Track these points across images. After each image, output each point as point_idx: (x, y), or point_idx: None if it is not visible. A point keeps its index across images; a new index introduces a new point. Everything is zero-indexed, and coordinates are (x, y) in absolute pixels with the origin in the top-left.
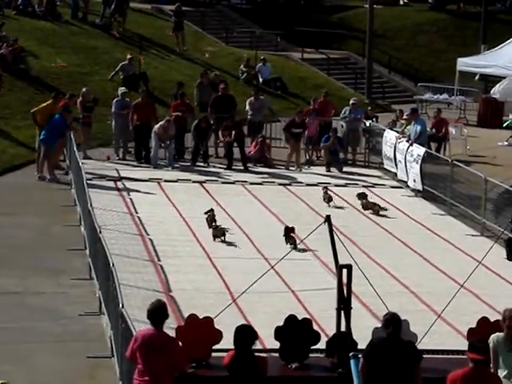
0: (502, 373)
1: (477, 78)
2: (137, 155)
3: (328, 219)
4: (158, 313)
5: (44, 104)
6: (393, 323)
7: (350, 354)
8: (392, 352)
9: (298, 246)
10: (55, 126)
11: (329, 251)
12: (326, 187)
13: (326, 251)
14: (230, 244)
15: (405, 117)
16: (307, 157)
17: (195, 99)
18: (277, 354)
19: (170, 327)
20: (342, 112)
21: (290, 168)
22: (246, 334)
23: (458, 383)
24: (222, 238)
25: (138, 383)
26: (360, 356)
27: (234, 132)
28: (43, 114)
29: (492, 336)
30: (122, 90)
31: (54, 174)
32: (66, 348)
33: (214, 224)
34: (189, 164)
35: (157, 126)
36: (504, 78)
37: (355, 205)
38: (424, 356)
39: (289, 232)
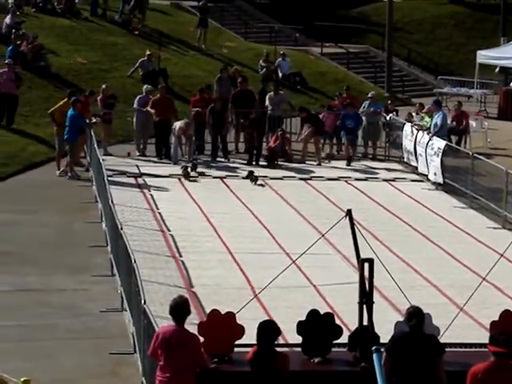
0: None
1: (497, 70)
2: (157, 151)
3: (349, 213)
4: (179, 309)
5: (60, 102)
6: (416, 316)
7: (373, 348)
8: (415, 346)
9: (321, 241)
10: (73, 122)
11: (350, 245)
12: (251, 171)
13: (348, 245)
14: (251, 239)
15: (425, 109)
16: (328, 151)
17: (215, 94)
18: (299, 349)
19: (192, 323)
20: (362, 106)
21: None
22: (269, 329)
23: (480, 377)
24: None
25: (160, 380)
26: (382, 350)
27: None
28: (61, 113)
29: None
30: (147, 87)
31: (75, 171)
32: (89, 345)
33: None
34: (209, 159)
35: (177, 127)
36: None
37: (376, 199)
38: (446, 349)
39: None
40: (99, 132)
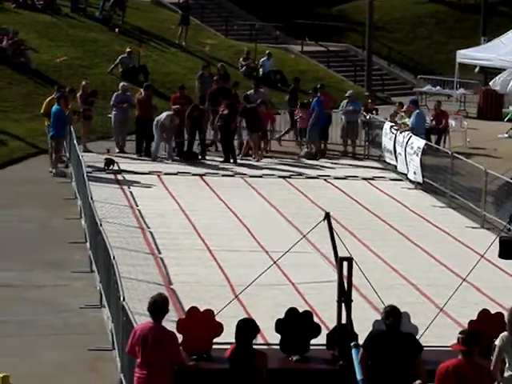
0: (508, 373)
1: (477, 70)
2: (138, 148)
3: (327, 216)
4: (157, 306)
5: (48, 99)
6: (392, 315)
7: (352, 344)
8: (392, 343)
9: (301, 241)
10: (58, 118)
11: (329, 244)
12: (109, 158)
13: (327, 244)
14: (230, 237)
15: (404, 109)
16: (306, 149)
17: (196, 91)
18: (278, 347)
19: (171, 320)
20: (341, 105)
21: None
22: (248, 327)
23: (446, 373)
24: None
25: (138, 377)
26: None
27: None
28: (46, 109)
29: (502, 334)
30: (123, 85)
31: (59, 167)
32: (67, 341)
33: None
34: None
35: (163, 117)
36: (504, 70)
37: (356, 198)
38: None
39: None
40: (79, 128)
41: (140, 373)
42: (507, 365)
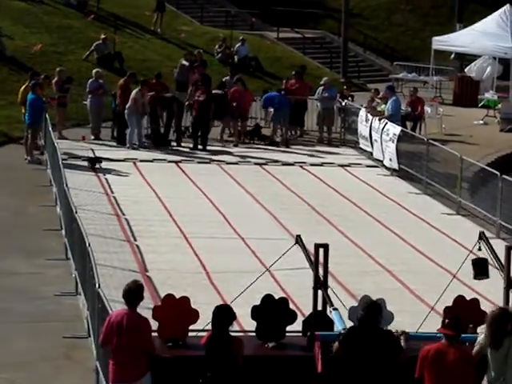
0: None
1: (452, 56)
2: (119, 136)
3: (299, 239)
4: (132, 293)
5: (23, 87)
6: (369, 309)
7: (331, 308)
8: (368, 341)
9: (276, 226)
10: (34, 105)
11: (305, 231)
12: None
13: (303, 231)
14: (206, 224)
15: (380, 95)
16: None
17: (174, 78)
18: (253, 334)
19: (147, 307)
20: (316, 92)
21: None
22: (224, 314)
23: (429, 358)
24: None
25: (113, 364)
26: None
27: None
28: (22, 98)
29: (480, 338)
30: (97, 71)
31: (34, 155)
32: (42, 328)
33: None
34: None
35: (133, 94)
36: (479, 56)
37: (331, 185)
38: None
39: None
40: (54, 115)
41: (115, 360)
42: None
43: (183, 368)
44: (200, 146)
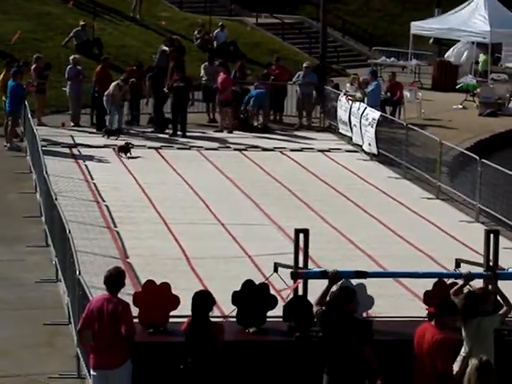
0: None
1: (431, 41)
2: (98, 122)
3: (276, 269)
4: (113, 280)
5: (1, 75)
6: (337, 295)
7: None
8: (340, 325)
9: (256, 212)
10: (15, 93)
11: (286, 216)
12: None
13: (283, 216)
14: (186, 210)
15: (362, 80)
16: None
17: (155, 63)
18: (234, 319)
19: (127, 293)
20: (295, 76)
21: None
22: (203, 299)
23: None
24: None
25: (93, 350)
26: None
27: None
28: (2, 85)
29: None
30: (74, 57)
31: (14, 142)
32: (23, 315)
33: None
34: (147, 130)
35: (112, 88)
36: (458, 41)
37: (311, 170)
38: (379, 319)
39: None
40: (33, 102)
41: (96, 346)
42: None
43: (164, 354)
44: (179, 133)
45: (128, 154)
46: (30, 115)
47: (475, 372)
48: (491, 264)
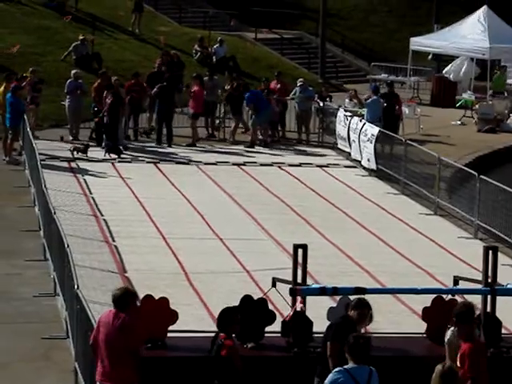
0: None
1: (430, 57)
2: (97, 138)
3: (274, 284)
4: (119, 301)
5: (1, 89)
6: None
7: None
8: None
9: (254, 227)
10: (15, 107)
11: (284, 231)
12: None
13: (282, 231)
14: (184, 224)
15: (365, 96)
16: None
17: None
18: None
19: None
20: (292, 92)
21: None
22: (219, 318)
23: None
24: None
25: (98, 364)
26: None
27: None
28: (2, 98)
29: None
30: (76, 72)
31: (12, 155)
32: (21, 329)
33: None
34: (145, 144)
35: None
36: (457, 57)
37: (310, 185)
38: (377, 335)
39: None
40: (29, 116)
41: (101, 360)
42: None
43: (162, 369)
44: (165, 144)
45: (81, 154)
46: (28, 129)
47: (439, 379)
48: (490, 281)
